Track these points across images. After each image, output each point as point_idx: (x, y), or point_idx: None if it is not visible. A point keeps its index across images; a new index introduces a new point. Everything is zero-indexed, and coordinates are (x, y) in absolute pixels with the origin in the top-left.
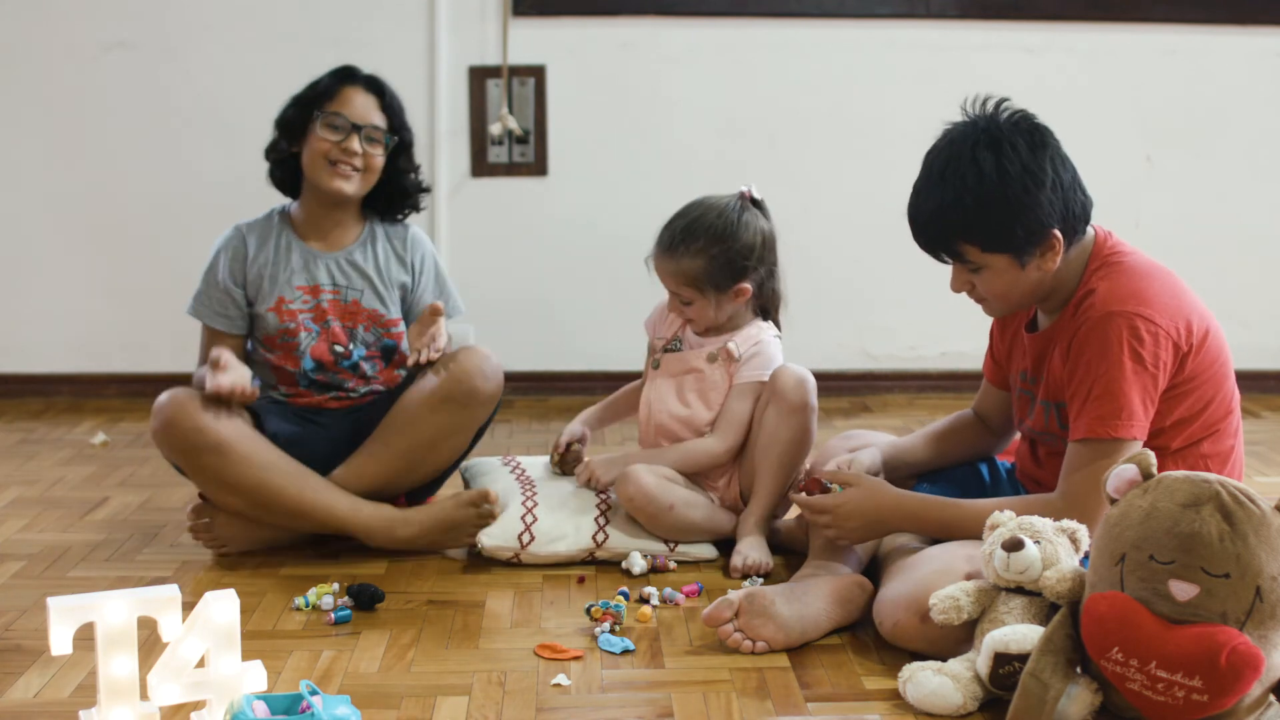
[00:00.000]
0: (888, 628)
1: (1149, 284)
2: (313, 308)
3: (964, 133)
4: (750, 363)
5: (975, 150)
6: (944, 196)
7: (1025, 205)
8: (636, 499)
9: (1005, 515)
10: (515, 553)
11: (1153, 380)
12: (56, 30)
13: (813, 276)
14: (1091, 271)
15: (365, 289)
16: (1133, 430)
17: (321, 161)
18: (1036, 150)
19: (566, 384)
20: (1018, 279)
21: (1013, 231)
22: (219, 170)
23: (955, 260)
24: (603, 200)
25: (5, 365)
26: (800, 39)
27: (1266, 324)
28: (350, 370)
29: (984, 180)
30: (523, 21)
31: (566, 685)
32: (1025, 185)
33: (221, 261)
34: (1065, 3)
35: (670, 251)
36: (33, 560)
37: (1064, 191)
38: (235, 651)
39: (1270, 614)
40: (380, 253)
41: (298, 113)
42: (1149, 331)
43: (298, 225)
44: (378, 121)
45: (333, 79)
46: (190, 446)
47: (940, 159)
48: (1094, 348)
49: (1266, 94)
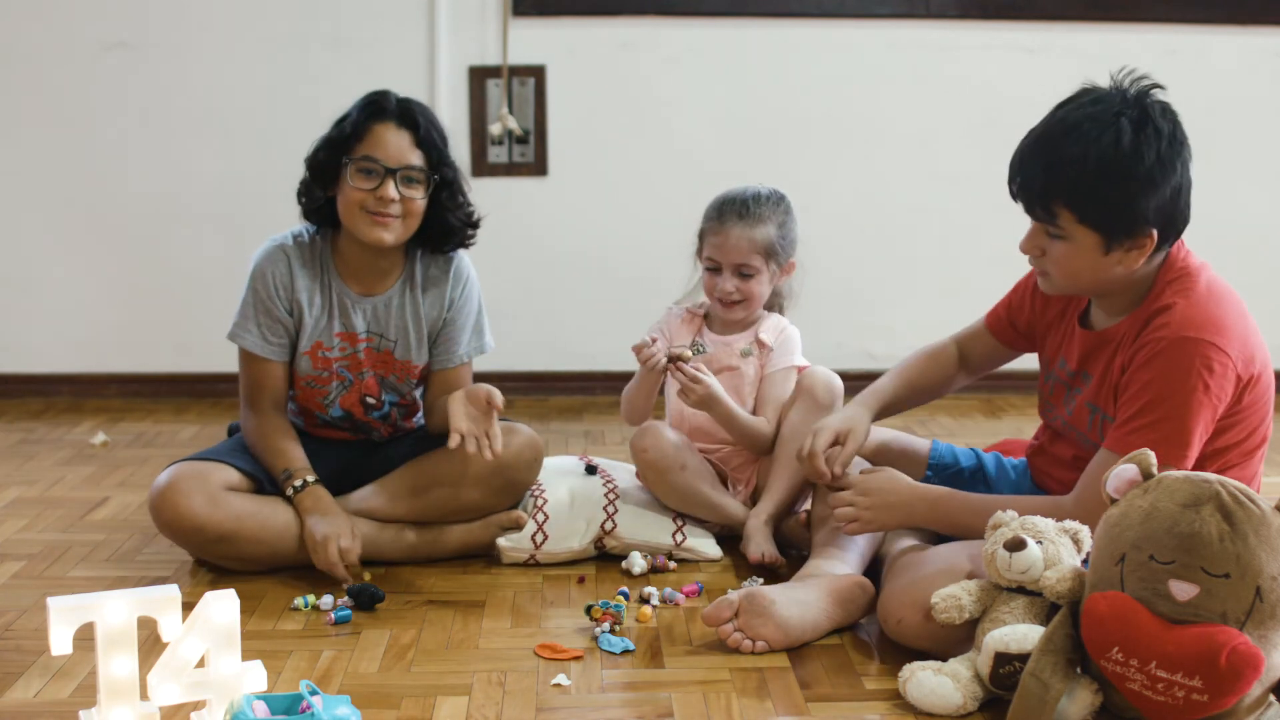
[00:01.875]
0: (892, 625)
1: (1225, 311)
2: (349, 356)
3: (1112, 98)
4: (781, 349)
5: (1119, 118)
6: (1068, 150)
7: (1142, 193)
8: (651, 451)
9: (1008, 515)
10: (531, 554)
11: (1213, 412)
12: (56, 30)
13: (813, 276)
14: (1166, 283)
15: (399, 340)
16: (1185, 463)
17: (357, 211)
18: (1176, 145)
19: (566, 384)
20: (1095, 263)
21: (1118, 213)
22: (219, 170)
23: (1045, 218)
24: (603, 200)
25: (5, 365)
26: (800, 39)
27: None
28: (380, 420)
29: (1118, 151)
30: (523, 21)
31: (566, 685)
32: (1152, 174)
33: (269, 285)
34: (1065, 3)
35: (746, 219)
36: (33, 560)
37: (1178, 198)
38: (235, 651)
39: (1270, 614)
40: (419, 297)
41: (328, 156)
42: (1220, 363)
43: (337, 261)
44: (414, 161)
45: (361, 116)
46: (196, 543)
47: (1078, 113)
48: (1162, 368)
49: (1266, 94)
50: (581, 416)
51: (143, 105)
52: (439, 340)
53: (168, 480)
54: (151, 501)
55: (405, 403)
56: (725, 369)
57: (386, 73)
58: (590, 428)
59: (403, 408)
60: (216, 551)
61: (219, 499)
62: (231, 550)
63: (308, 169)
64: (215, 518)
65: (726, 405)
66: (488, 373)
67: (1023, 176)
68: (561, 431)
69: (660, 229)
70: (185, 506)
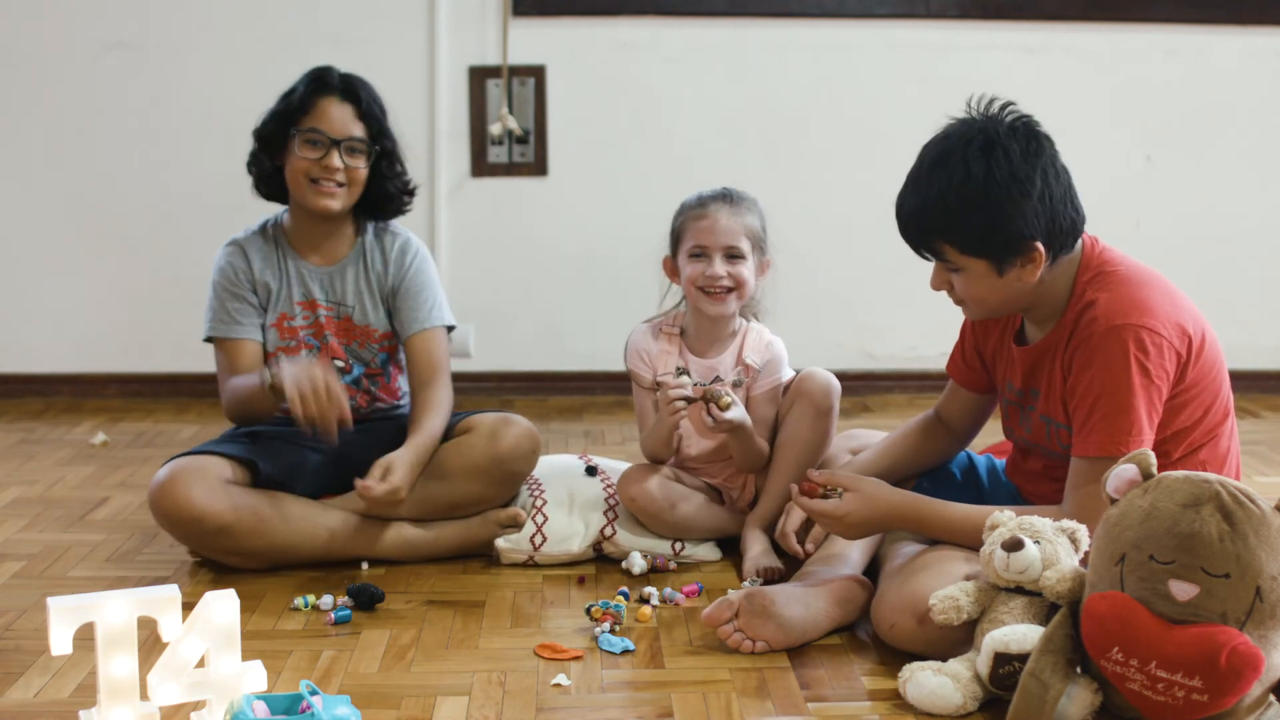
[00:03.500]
0: (884, 629)
1: (1149, 293)
2: (312, 323)
3: (960, 131)
4: (767, 368)
5: (967, 150)
6: (928, 192)
7: (1007, 213)
8: (639, 499)
9: (1005, 515)
10: (529, 554)
11: (1158, 393)
12: (56, 30)
13: (813, 276)
14: (1085, 283)
15: (356, 305)
16: (1140, 445)
17: (303, 180)
18: (1029, 158)
19: (566, 384)
20: (996, 285)
21: (992, 237)
22: (219, 170)
23: (935, 257)
24: (603, 200)
25: (5, 365)
26: (800, 39)
27: (1266, 324)
28: (353, 385)
29: (969, 181)
30: (523, 21)
31: (566, 685)
32: (1010, 192)
33: (229, 275)
34: (1065, 3)
35: (730, 203)
36: (33, 560)
37: (1052, 204)
38: (235, 651)
39: (1270, 614)
40: (371, 266)
41: (276, 127)
42: (1153, 343)
43: (291, 238)
44: (357, 133)
45: (307, 90)
46: (195, 535)
47: (932, 153)
48: (1100, 363)
49: (1266, 94)
50: (581, 416)
51: (143, 105)
52: (400, 309)
53: (167, 474)
54: (151, 495)
55: (374, 372)
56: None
57: (386, 73)
58: (590, 428)
59: (373, 378)
60: (216, 544)
61: (218, 491)
62: (230, 543)
63: (256, 140)
64: (215, 509)
65: (749, 431)
66: (488, 372)
67: (901, 222)
68: (561, 431)
69: (660, 229)
70: (185, 498)
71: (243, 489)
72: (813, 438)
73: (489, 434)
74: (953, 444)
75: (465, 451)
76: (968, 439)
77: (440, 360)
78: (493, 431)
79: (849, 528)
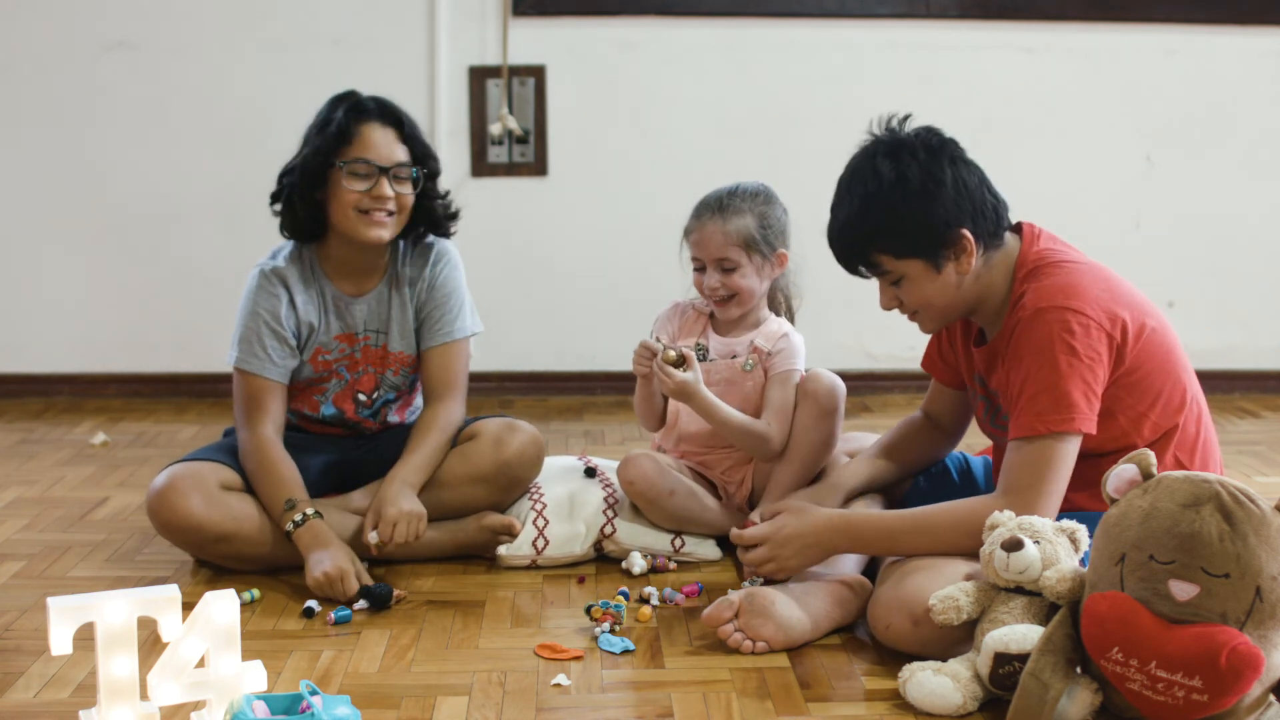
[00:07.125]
0: (880, 631)
1: (1077, 279)
2: (348, 356)
3: (866, 146)
4: (781, 354)
5: (875, 160)
6: (850, 208)
7: (927, 206)
8: (637, 483)
9: (1005, 515)
10: (532, 559)
11: (1090, 371)
12: (56, 30)
13: (813, 276)
14: (1021, 279)
15: (393, 332)
16: (1075, 423)
17: (351, 213)
18: (935, 154)
19: (566, 384)
20: (937, 284)
21: (919, 234)
22: (219, 170)
23: (874, 273)
24: (602, 200)
25: (5, 365)
26: (800, 39)
27: (1266, 324)
28: (371, 418)
29: (883, 186)
30: (523, 21)
31: (566, 685)
32: (925, 186)
33: (273, 311)
34: (1065, 3)
35: (721, 212)
36: (33, 560)
37: (969, 191)
38: (235, 651)
39: (1270, 614)
40: (404, 288)
41: (318, 161)
42: (1079, 324)
43: (327, 267)
44: (402, 157)
45: (346, 118)
46: (195, 543)
47: (845, 174)
48: (1027, 346)
49: (1266, 94)
50: (581, 416)
51: (143, 105)
52: (425, 319)
53: (165, 481)
54: (149, 503)
55: (402, 394)
56: (729, 383)
57: (386, 73)
58: (590, 428)
59: (396, 399)
60: (215, 551)
61: (217, 499)
62: (230, 550)
63: (298, 177)
64: (213, 517)
65: (705, 398)
66: (489, 372)
67: (833, 244)
68: (561, 431)
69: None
70: (183, 507)
71: (241, 495)
72: (817, 439)
73: (494, 441)
74: (944, 440)
75: (470, 458)
76: (958, 434)
77: (454, 376)
78: (498, 438)
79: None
